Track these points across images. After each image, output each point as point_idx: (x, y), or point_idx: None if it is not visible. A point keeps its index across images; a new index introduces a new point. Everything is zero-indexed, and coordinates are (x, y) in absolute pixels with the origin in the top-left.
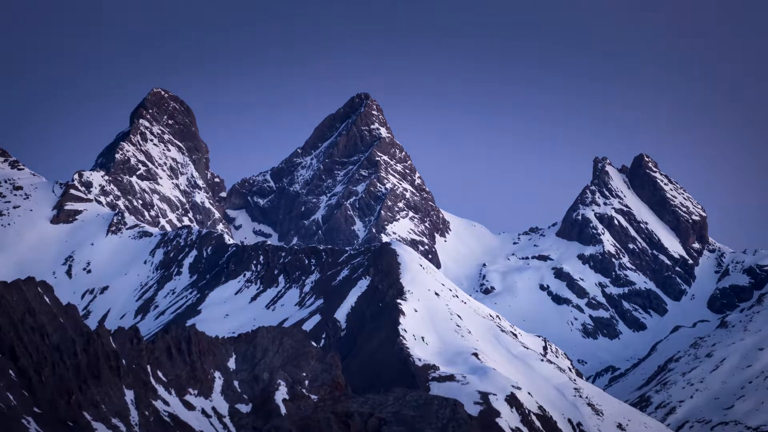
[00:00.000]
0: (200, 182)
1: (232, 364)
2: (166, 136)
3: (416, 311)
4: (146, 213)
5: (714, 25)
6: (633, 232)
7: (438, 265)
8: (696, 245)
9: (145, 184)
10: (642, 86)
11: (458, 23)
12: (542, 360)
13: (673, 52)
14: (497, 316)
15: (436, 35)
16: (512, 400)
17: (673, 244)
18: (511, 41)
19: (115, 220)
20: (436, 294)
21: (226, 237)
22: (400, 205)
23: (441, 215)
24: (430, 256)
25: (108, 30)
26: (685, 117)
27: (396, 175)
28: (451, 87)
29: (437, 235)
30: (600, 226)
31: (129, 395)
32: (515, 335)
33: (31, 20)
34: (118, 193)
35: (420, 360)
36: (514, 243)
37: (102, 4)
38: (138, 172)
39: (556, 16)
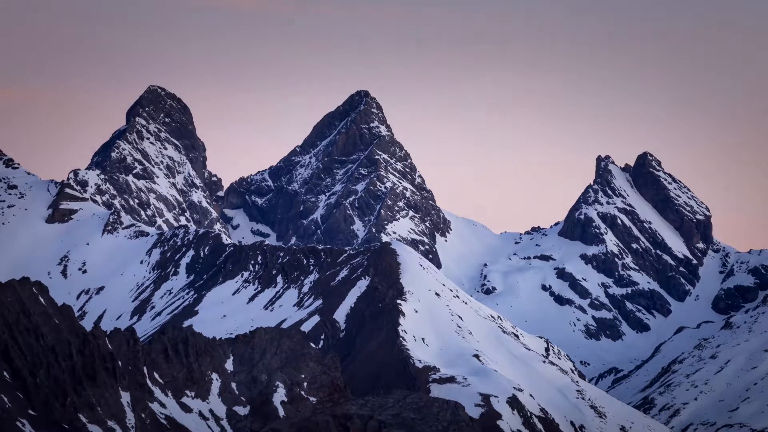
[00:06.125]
0: (197, 181)
1: (229, 365)
2: (162, 135)
3: (416, 312)
4: (143, 212)
5: (718, 23)
6: (636, 232)
7: (438, 265)
8: (700, 245)
9: (141, 183)
10: (646, 84)
11: (459, 21)
12: (544, 361)
13: (677, 50)
14: (498, 317)
15: (436, 33)
16: (514, 402)
17: (677, 244)
18: (512, 39)
19: (111, 220)
20: (437, 294)
21: (224, 237)
22: (400, 204)
23: (441, 214)
24: (430, 256)
25: (105, 27)
26: (689, 115)
27: (396, 173)
28: (452, 85)
29: (438, 235)
30: (603, 226)
31: (125, 397)
32: (517, 336)
33: (28, 18)
34: (114, 192)
35: (420, 361)
36: (516, 243)
37: (100, 2)
38: (134, 171)
39: (557, 14)
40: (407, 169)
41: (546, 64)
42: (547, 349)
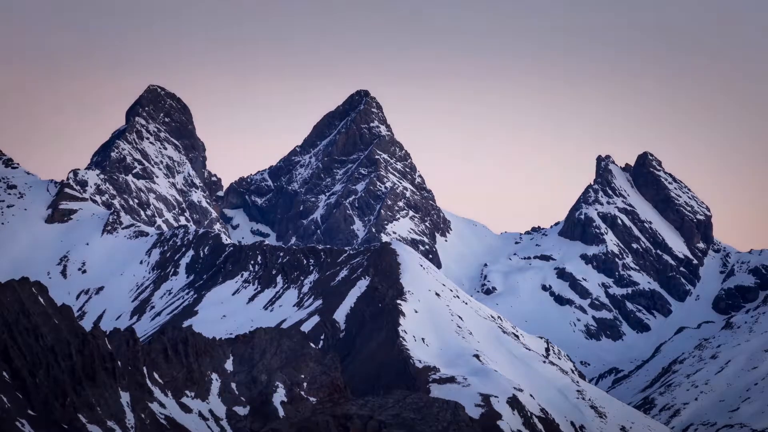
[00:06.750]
0: (197, 181)
1: (229, 365)
2: (162, 134)
3: (416, 312)
4: (142, 212)
5: (718, 23)
6: (637, 232)
7: (439, 265)
8: (701, 245)
9: (141, 183)
10: (646, 83)
11: (459, 20)
12: (544, 362)
13: (678, 50)
14: (499, 317)
15: (437, 32)
16: (514, 403)
17: (678, 244)
18: (513, 38)
19: (110, 220)
20: (437, 294)
21: (224, 237)
22: (400, 204)
23: (442, 214)
24: (430, 256)
25: (104, 27)
26: (689, 115)
27: (396, 173)
28: (452, 84)
29: (438, 235)
30: (603, 226)
31: (125, 397)
32: (517, 336)
33: (27, 17)
34: (114, 192)
35: (420, 362)
36: (516, 243)
37: (100, 1)
38: (134, 171)
39: (558, 13)
40: (407, 169)
41: (547, 64)
42: (547, 349)
